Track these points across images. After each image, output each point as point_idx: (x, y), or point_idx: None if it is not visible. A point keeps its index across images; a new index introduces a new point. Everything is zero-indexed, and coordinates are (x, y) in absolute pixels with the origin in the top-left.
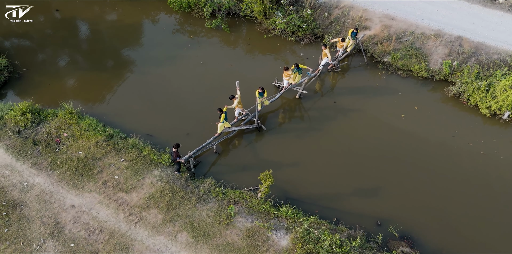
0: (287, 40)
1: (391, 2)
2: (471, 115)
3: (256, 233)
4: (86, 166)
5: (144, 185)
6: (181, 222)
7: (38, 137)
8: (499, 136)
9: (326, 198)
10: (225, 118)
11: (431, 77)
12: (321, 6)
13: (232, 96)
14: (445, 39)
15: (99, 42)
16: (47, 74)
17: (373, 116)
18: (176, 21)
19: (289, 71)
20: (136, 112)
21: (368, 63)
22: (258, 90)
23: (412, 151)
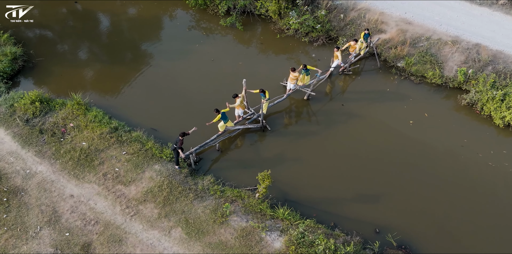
0: (300, 41)
1: (410, 7)
2: (484, 125)
3: (250, 233)
4: (88, 157)
5: (143, 179)
6: (176, 217)
7: (45, 126)
8: (510, 149)
9: (325, 202)
10: (225, 118)
11: (444, 84)
12: (337, 7)
13: (236, 94)
14: (462, 46)
15: (113, 35)
16: (60, 64)
17: (381, 121)
18: (191, 17)
19: (296, 72)
20: (143, 106)
21: (381, 67)
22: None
23: (418, 159)
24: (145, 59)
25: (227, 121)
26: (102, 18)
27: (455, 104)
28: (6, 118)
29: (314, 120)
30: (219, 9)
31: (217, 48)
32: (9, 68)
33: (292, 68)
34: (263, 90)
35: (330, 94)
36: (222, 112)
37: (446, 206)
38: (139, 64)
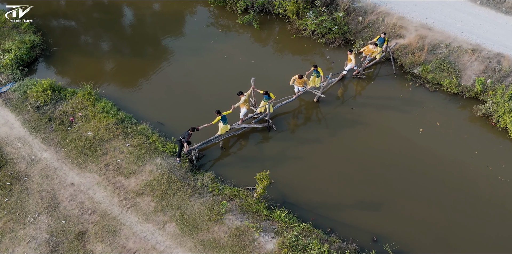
0: (316, 42)
1: (432, 12)
2: (498, 138)
3: (244, 233)
4: (92, 147)
5: (143, 172)
6: (172, 212)
7: (55, 114)
8: None
9: (324, 206)
10: (224, 120)
11: (461, 93)
12: (356, 10)
13: (241, 92)
14: (482, 55)
15: (131, 29)
16: (76, 54)
17: (390, 127)
18: (209, 14)
19: (304, 78)
20: (152, 99)
21: (396, 72)
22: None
23: (424, 168)
24: (159, 53)
25: (225, 123)
26: (123, 11)
27: (470, 115)
28: (18, 104)
29: (322, 123)
30: (237, 7)
31: (232, 45)
32: (26, 55)
33: (300, 75)
34: (266, 92)
35: (341, 97)
36: (223, 114)
37: (451, 219)
38: (153, 58)
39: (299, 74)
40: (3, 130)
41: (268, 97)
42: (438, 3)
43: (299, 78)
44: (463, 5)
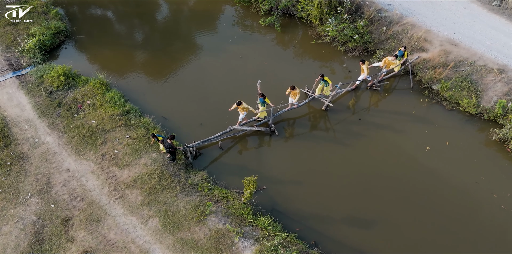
0: (335, 49)
1: (461, 27)
2: (511, 165)
3: (224, 236)
4: (93, 135)
5: (137, 165)
6: (157, 208)
7: (65, 100)
8: None
9: (313, 218)
10: None
11: (479, 114)
12: (381, 19)
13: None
14: (508, 76)
15: (154, 24)
16: (97, 44)
17: (396, 143)
18: (232, 13)
19: (296, 90)
20: (162, 94)
21: (413, 87)
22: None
23: (423, 187)
24: (177, 49)
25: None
26: (149, 6)
27: (484, 138)
28: (33, 87)
29: (326, 133)
30: (261, 8)
31: (249, 45)
32: (49, 41)
33: (292, 86)
34: (263, 95)
35: (352, 108)
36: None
37: (444, 244)
38: (170, 53)
39: (292, 85)
40: (15, 111)
41: (263, 100)
42: (470, 19)
43: (292, 89)
44: (497, 23)
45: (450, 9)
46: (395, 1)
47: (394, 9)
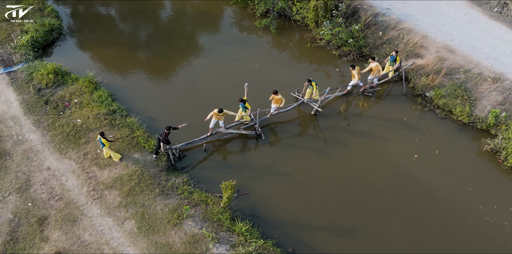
0: (330, 53)
1: (459, 34)
2: (501, 177)
3: (199, 241)
4: (77, 134)
5: (118, 165)
6: (134, 210)
7: (53, 98)
8: None
9: (293, 226)
10: None
11: (472, 124)
12: (378, 24)
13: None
14: (503, 85)
15: (148, 24)
16: (90, 42)
17: (384, 150)
18: (228, 14)
19: (278, 95)
20: (151, 94)
21: (406, 94)
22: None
23: (408, 197)
24: (169, 49)
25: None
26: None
27: (476, 148)
28: (23, 84)
29: (313, 138)
30: (257, 10)
31: (243, 47)
32: (42, 38)
33: (275, 90)
34: (243, 100)
35: (342, 113)
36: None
37: None
38: (162, 54)
39: (274, 90)
40: (2, 107)
41: (243, 105)
42: (469, 25)
43: (274, 94)
44: (496, 30)
45: (449, 15)
46: (394, 6)
47: (392, 13)
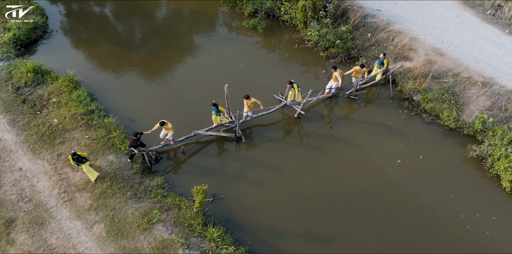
0: (317, 55)
1: (450, 37)
2: (485, 184)
3: (168, 247)
4: (52, 134)
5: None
6: (104, 213)
7: (31, 96)
8: (504, 217)
9: (268, 232)
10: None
11: (458, 129)
12: (367, 25)
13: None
14: (492, 90)
15: (133, 22)
16: (74, 41)
17: (366, 155)
18: (216, 13)
19: (251, 100)
20: (133, 94)
21: (393, 97)
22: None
23: (388, 204)
24: (153, 49)
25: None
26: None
27: (462, 154)
28: (1, 82)
29: (295, 142)
30: (245, 9)
31: (229, 47)
32: (25, 36)
33: (246, 95)
34: (215, 104)
35: (326, 116)
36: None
37: None
38: (146, 53)
39: (245, 95)
40: None
41: (216, 109)
42: (461, 28)
43: (246, 99)
44: (488, 33)
45: (441, 17)
46: (384, 7)
47: (381, 15)
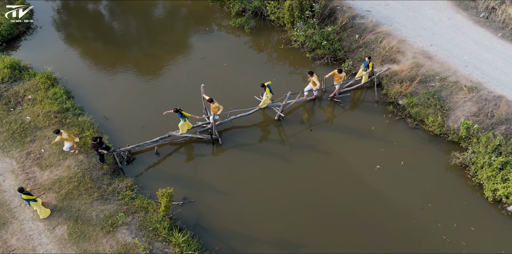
0: (303, 56)
1: (440, 39)
2: (467, 193)
3: (129, 251)
4: (23, 132)
5: (61, 166)
6: (68, 214)
7: (6, 93)
8: (483, 228)
9: (238, 238)
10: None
11: (443, 135)
12: (355, 26)
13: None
14: (479, 95)
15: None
16: (57, 37)
17: (345, 160)
18: (203, 11)
19: (215, 103)
20: (111, 93)
21: (378, 101)
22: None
23: (363, 211)
24: (138, 48)
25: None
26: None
27: (444, 161)
28: None
29: (273, 145)
30: (232, 8)
31: (214, 46)
32: (6, 31)
33: (209, 98)
34: (178, 110)
35: (308, 119)
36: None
37: None
38: (129, 50)
39: (209, 98)
40: None
41: (181, 115)
42: (452, 31)
43: (209, 101)
44: (480, 36)
45: (432, 19)
46: (375, 8)
47: (370, 16)
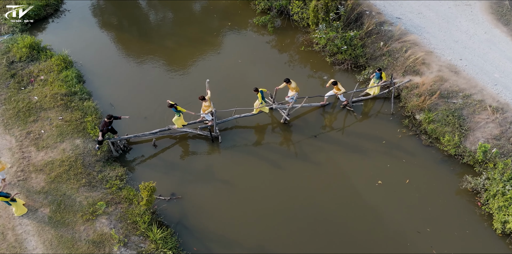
0: (323, 60)
1: (471, 54)
2: (474, 222)
3: (104, 241)
4: (28, 112)
5: (56, 149)
6: (53, 198)
7: (22, 72)
8: None
9: (219, 241)
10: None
11: (458, 156)
12: (380, 33)
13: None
14: (504, 117)
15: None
16: (82, 21)
17: (344, 172)
18: (228, 7)
19: (207, 102)
20: (123, 81)
21: (394, 113)
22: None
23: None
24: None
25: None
26: None
27: (455, 184)
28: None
29: (274, 149)
30: (257, 5)
31: (232, 42)
32: (33, 12)
33: (201, 96)
34: (172, 105)
35: (316, 125)
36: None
37: None
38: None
39: (200, 96)
40: None
41: (175, 110)
42: (486, 45)
43: (201, 99)
44: None
45: (467, 31)
46: (406, 16)
47: (399, 23)
